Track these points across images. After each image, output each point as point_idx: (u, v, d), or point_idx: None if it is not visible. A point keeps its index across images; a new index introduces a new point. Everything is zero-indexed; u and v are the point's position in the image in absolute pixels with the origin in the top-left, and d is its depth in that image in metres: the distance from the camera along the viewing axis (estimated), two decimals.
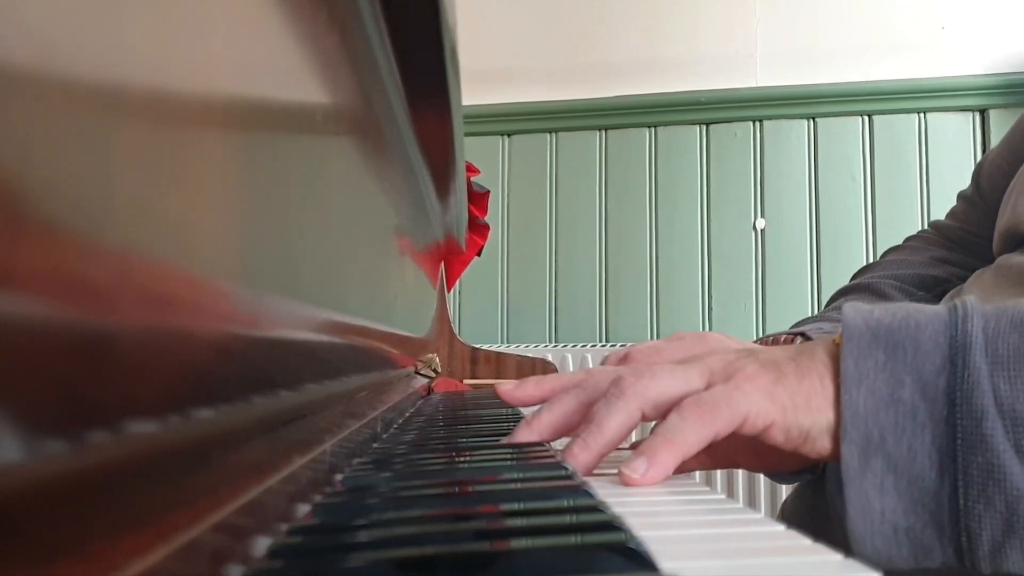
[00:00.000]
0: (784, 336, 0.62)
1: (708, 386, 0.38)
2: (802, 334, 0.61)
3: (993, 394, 0.33)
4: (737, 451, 0.43)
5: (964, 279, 0.65)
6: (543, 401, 0.44)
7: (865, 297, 0.71)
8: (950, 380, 0.33)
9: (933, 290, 0.70)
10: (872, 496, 0.34)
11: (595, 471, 0.39)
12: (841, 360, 0.35)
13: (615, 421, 0.38)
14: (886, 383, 0.34)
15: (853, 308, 0.37)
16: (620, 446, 0.49)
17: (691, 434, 0.35)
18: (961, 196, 0.80)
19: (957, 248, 0.76)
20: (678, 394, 0.38)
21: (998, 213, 0.64)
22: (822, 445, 0.36)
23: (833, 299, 0.75)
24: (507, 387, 0.46)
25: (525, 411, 0.67)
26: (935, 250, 0.76)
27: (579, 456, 0.38)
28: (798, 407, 0.36)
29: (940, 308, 0.36)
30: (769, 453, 0.39)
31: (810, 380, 0.36)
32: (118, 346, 0.16)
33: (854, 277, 0.78)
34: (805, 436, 0.36)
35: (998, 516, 0.32)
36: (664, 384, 0.38)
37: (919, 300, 0.69)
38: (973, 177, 0.78)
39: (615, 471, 0.40)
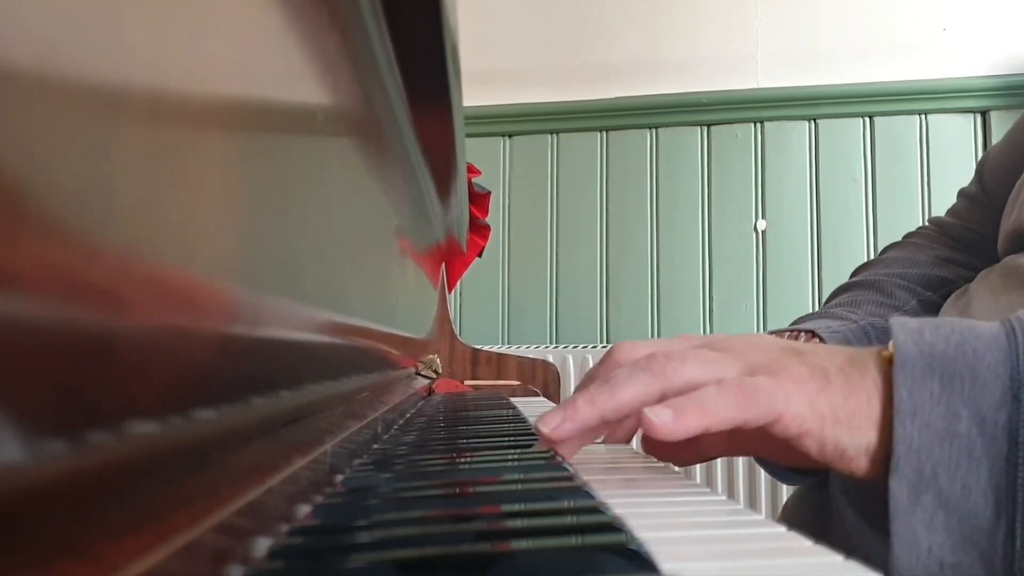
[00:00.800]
0: (788, 332, 0.62)
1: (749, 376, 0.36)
2: (812, 332, 0.60)
3: None
4: (759, 444, 0.42)
5: (969, 279, 0.64)
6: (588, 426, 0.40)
7: (871, 295, 0.69)
8: (1012, 416, 0.32)
9: (939, 291, 0.69)
10: (920, 532, 0.32)
11: (595, 472, 0.39)
12: (895, 389, 0.33)
13: (630, 391, 0.36)
14: (942, 416, 0.32)
15: (903, 329, 0.35)
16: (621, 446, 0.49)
17: (723, 409, 0.34)
18: (963, 193, 0.78)
19: (960, 247, 0.75)
20: (706, 381, 0.36)
21: (1003, 212, 0.63)
22: (857, 465, 0.35)
23: (835, 294, 0.74)
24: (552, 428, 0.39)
25: (526, 411, 0.67)
26: (938, 248, 0.74)
27: (581, 409, 0.36)
28: (839, 421, 0.35)
29: (997, 331, 0.34)
30: (790, 452, 0.37)
31: (857, 397, 0.35)
32: (119, 346, 0.16)
33: (854, 273, 0.76)
34: (841, 453, 0.35)
35: None
36: (693, 371, 0.36)
37: (926, 301, 0.68)
38: (976, 173, 0.76)
39: (616, 472, 0.40)
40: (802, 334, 0.60)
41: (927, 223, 0.81)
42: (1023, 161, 0.64)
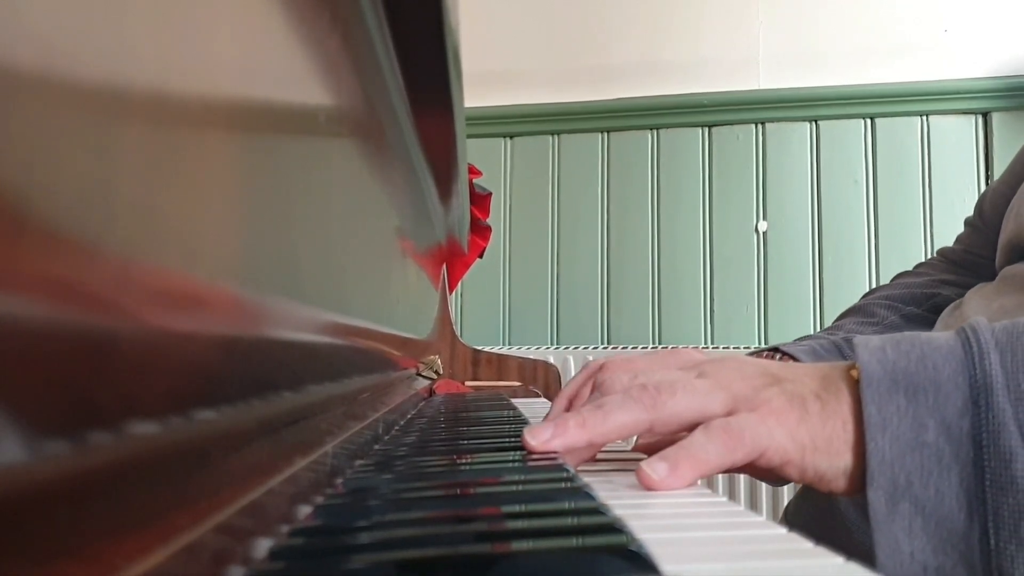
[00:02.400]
0: (765, 354, 0.63)
1: (729, 412, 0.38)
2: (784, 353, 0.62)
3: (1020, 435, 0.33)
4: (745, 468, 0.43)
5: (961, 296, 0.65)
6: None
7: (853, 317, 0.73)
8: (974, 422, 0.33)
9: (924, 304, 0.72)
10: (901, 539, 0.34)
11: (596, 473, 0.39)
12: (863, 406, 0.35)
13: (621, 419, 0.38)
14: (909, 427, 0.34)
15: (866, 348, 0.37)
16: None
17: (714, 457, 0.35)
18: (966, 222, 0.82)
19: (959, 269, 0.78)
20: (693, 418, 0.38)
21: (999, 231, 0.65)
22: (836, 485, 0.37)
23: (836, 321, 0.76)
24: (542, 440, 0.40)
25: (527, 412, 0.67)
26: (940, 274, 0.78)
27: (571, 431, 0.37)
28: (818, 449, 0.36)
29: (952, 341, 0.36)
30: (773, 475, 0.39)
31: (833, 423, 0.36)
32: (120, 347, 0.16)
33: (839, 318, 0.79)
34: (820, 477, 0.37)
35: None
36: (683, 405, 0.38)
37: (907, 315, 0.71)
38: (977, 206, 0.80)
39: (616, 473, 0.40)
40: (777, 355, 0.62)
41: (935, 254, 0.83)
42: (1018, 186, 0.66)
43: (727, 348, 1.63)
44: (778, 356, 0.62)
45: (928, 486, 0.34)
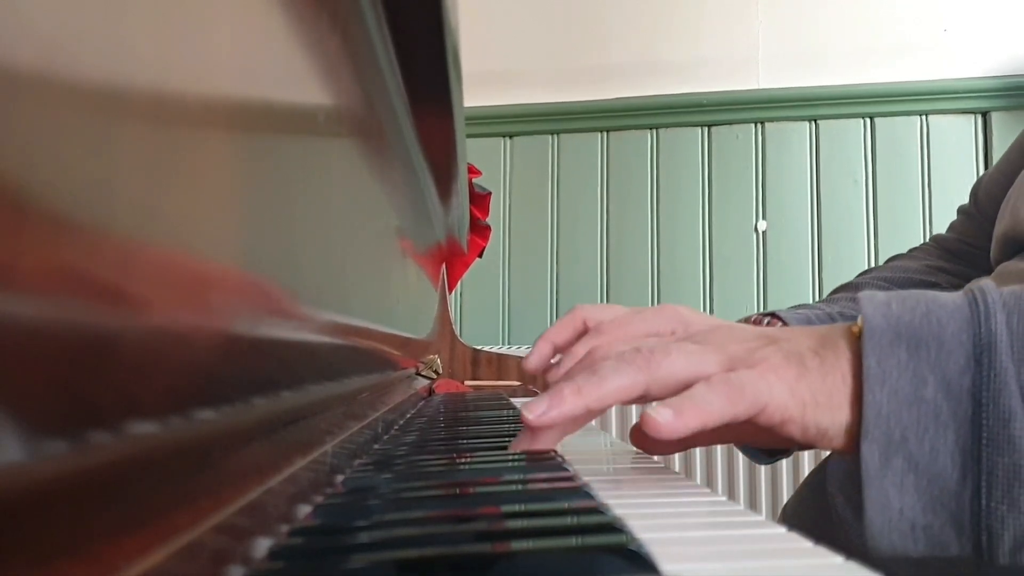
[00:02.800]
0: (754, 319, 0.63)
1: (727, 371, 0.37)
2: (775, 315, 0.62)
3: (1021, 396, 0.33)
4: (742, 432, 0.43)
5: (958, 286, 0.65)
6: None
7: (848, 293, 0.72)
8: (975, 380, 0.33)
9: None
10: (892, 495, 0.34)
11: (596, 472, 0.39)
12: (863, 358, 0.35)
13: (617, 382, 0.37)
14: (909, 382, 0.34)
15: (870, 301, 0.36)
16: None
17: (716, 408, 0.35)
18: (960, 210, 0.82)
19: (954, 259, 0.77)
20: (689, 378, 0.37)
21: (995, 221, 0.64)
22: (837, 442, 0.36)
23: (830, 295, 0.76)
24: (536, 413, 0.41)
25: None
26: (933, 260, 0.77)
27: (567, 399, 0.37)
28: (819, 405, 0.36)
29: (960, 300, 0.35)
30: (772, 436, 0.38)
31: (832, 378, 0.36)
32: (119, 346, 0.16)
33: (832, 292, 0.79)
34: (822, 434, 0.36)
35: (1022, 516, 0.32)
36: (678, 366, 0.37)
37: None
38: (972, 192, 0.79)
39: (616, 473, 0.40)
40: (766, 319, 0.62)
41: (929, 240, 0.82)
42: (1014, 175, 0.65)
43: None
44: (765, 321, 0.62)
45: (923, 442, 0.33)
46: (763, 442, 0.45)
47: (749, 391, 0.35)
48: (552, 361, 0.52)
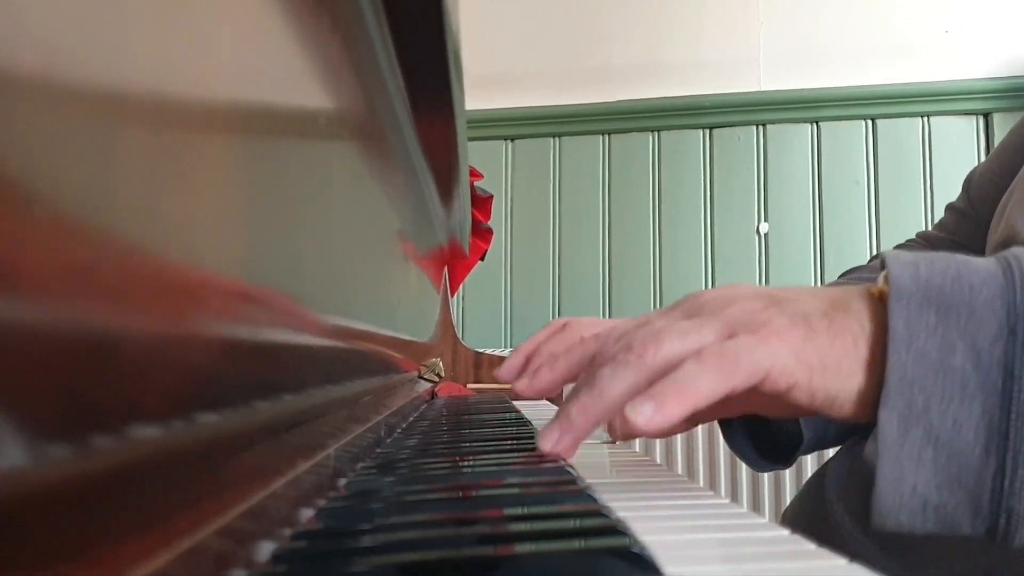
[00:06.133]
0: None
1: (726, 339, 0.35)
2: None
3: None
4: (748, 402, 0.41)
5: None
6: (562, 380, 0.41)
7: (860, 274, 0.70)
8: (1008, 350, 0.31)
9: None
10: (907, 469, 0.32)
11: (598, 475, 0.39)
12: (890, 318, 0.32)
13: (616, 389, 0.36)
14: (937, 348, 0.32)
15: (898, 261, 0.34)
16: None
17: (705, 385, 0.33)
18: (950, 207, 0.79)
19: None
20: (687, 356, 0.35)
21: (989, 225, 0.63)
22: (847, 409, 0.34)
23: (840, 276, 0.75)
24: (522, 384, 0.42)
25: (529, 414, 0.67)
26: None
27: (576, 420, 0.36)
28: (827, 369, 0.34)
29: (993, 266, 0.33)
30: (780, 405, 0.37)
31: (843, 340, 0.34)
32: (122, 350, 0.16)
33: (841, 276, 0.78)
34: (832, 401, 0.34)
35: None
36: (674, 350, 0.35)
37: None
38: (963, 188, 0.77)
39: (619, 475, 0.40)
40: None
41: (915, 236, 0.81)
42: (1008, 175, 0.65)
43: None
44: None
45: (946, 414, 0.31)
46: (772, 410, 0.42)
47: (746, 359, 0.33)
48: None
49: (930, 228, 0.86)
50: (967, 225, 0.75)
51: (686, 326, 0.36)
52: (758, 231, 1.72)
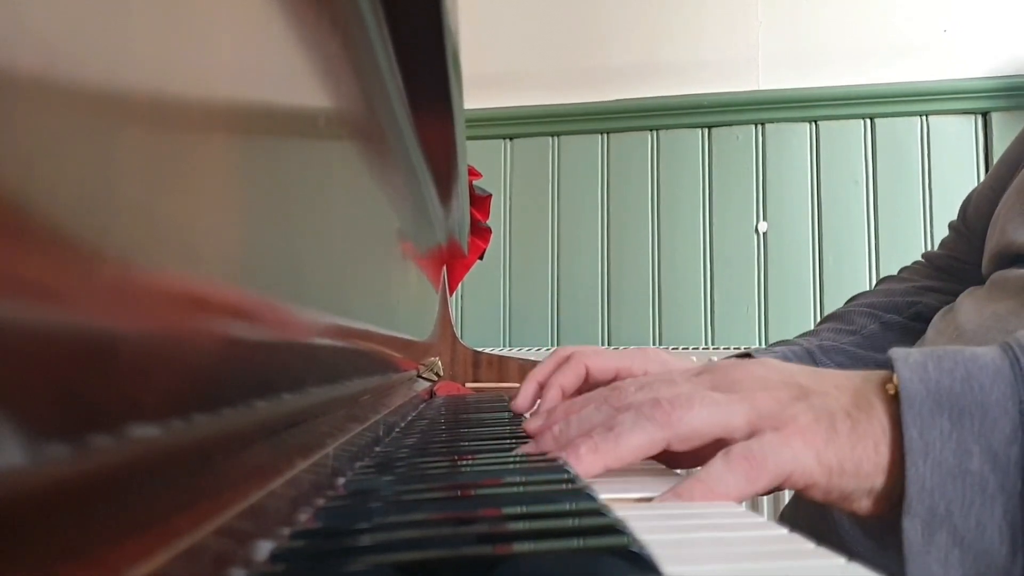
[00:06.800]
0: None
1: (752, 427, 0.35)
2: (747, 355, 0.61)
3: None
4: None
5: (946, 303, 0.65)
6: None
7: (831, 323, 0.72)
8: (1023, 450, 0.32)
9: (905, 312, 0.71)
10: (936, 571, 0.32)
11: (598, 476, 0.38)
12: (904, 428, 0.33)
13: (635, 441, 0.36)
14: (953, 453, 0.32)
15: (905, 364, 0.34)
16: None
17: (733, 489, 0.34)
18: (950, 226, 0.81)
19: (944, 276, 0.77)
20: (714, 434, 0.36)
21: (984, 239, 0.64)
22: (860, 506, 0.35)
23: (819, 325, 0.76)
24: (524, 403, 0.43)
25: (528, 414, 0.67)
26: (923, 280, 0.76)
27: (584, 458, 0.36)
28: (845, 472, 0.34)
29: (1000, 361, 0.34)
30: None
31: (864, 445, 0.34)
32: (121, 350, 0.16)
33: (848, 302, 0.78)
34: (846, 498, 0.35)
35: None
36: (701, 419, 0.36)
37: (887, 323, 0.70)
38: (961, 208, 0.78)
39: (618, 475, 0.40)
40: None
41: (921, 257, 0.82)
42: (1002, 192, 0.65)
43: (727, 349, 1.63)
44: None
45: (969, 517, 0.32)
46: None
47: (772, 463, 0.34)
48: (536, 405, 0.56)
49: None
50: (962, 242, 0.76)
51: (717, 399, 0.37)
52: (757, 230, 1.72)
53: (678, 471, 0.44)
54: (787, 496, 1.52)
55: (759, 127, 1.74)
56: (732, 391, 0.37)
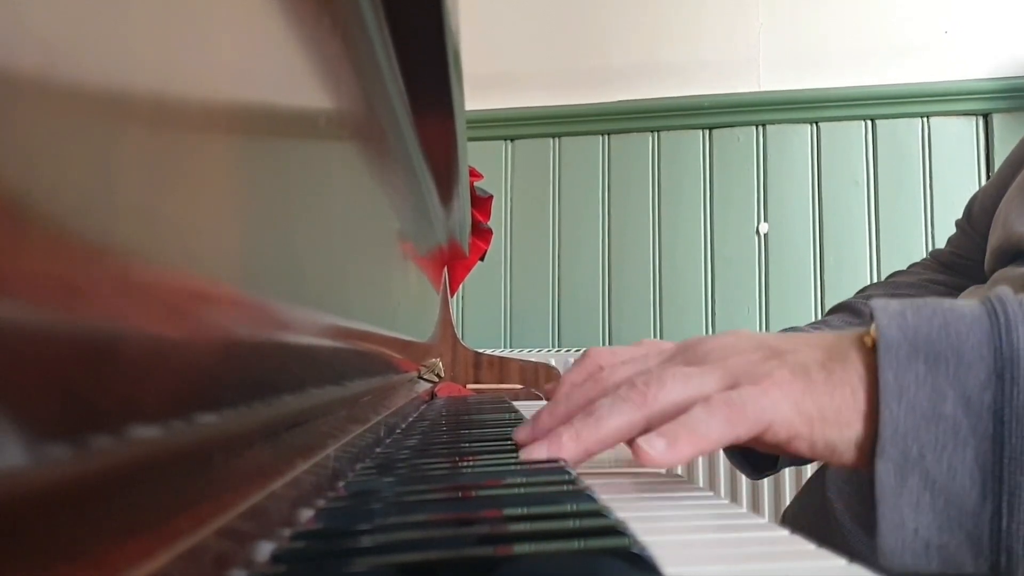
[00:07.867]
0: None
1: (729, 388, 0.36)
2: None
3: None
4: (750, 443, 0.42)
5: (952, 296, 0.65)
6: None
7: (841, 315, 0.72)
8: (997, 396, 0.32)
9: None
10: (907, 514, 0.33)
11: (598, 476, 0.39)
12: (879, 372, 0.33)
13: (614, 423, 0.36)
14: (927, 398, 0.33)
15: (885, 312, 0.35)
16: None
17: (714, 432, 0.34)
18: (957, 224, 0.82)
19: (950, 271, 0.77)
20: (688, 401, 0.36)
21: (988, 236, 0.64)
22: (847, 457, 0.35)
23: (827, 314, 0.76)
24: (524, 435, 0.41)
25: (529, 415, 0.67)
26: (929, 274, 0.77)
27: (566, 445, 0.37)
28: (827, 420, 0.35)
29: (978, 310, 0.34)
30: (772, 448, 0.37)
31: (841, 392, 0.35)
32: (122, 350, 0.16)
33: (829, 312, 0.79)
34: (832, 450, 0.35)
35: None
36: (676, 393, 0.36)
37: None
38: (966, 207, 0.79)
39: (619, 476, 0.40)
40: None
41: (928, 255, 0.83)
42: (1004, 190, 0.66)
43: None
44: None
45: (941, 460, 0.32)
46: (770, 451, 0.44)
47: (751, 410, 0.34)
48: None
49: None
50: (967, 240, 0.77)
51: (689, 372, 0.37)
52: (758, 231, 1.72)
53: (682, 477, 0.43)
54: (788, 497, 1.52)
55: (760, 128, 1.74)
56: (704, 362, 0.38)
